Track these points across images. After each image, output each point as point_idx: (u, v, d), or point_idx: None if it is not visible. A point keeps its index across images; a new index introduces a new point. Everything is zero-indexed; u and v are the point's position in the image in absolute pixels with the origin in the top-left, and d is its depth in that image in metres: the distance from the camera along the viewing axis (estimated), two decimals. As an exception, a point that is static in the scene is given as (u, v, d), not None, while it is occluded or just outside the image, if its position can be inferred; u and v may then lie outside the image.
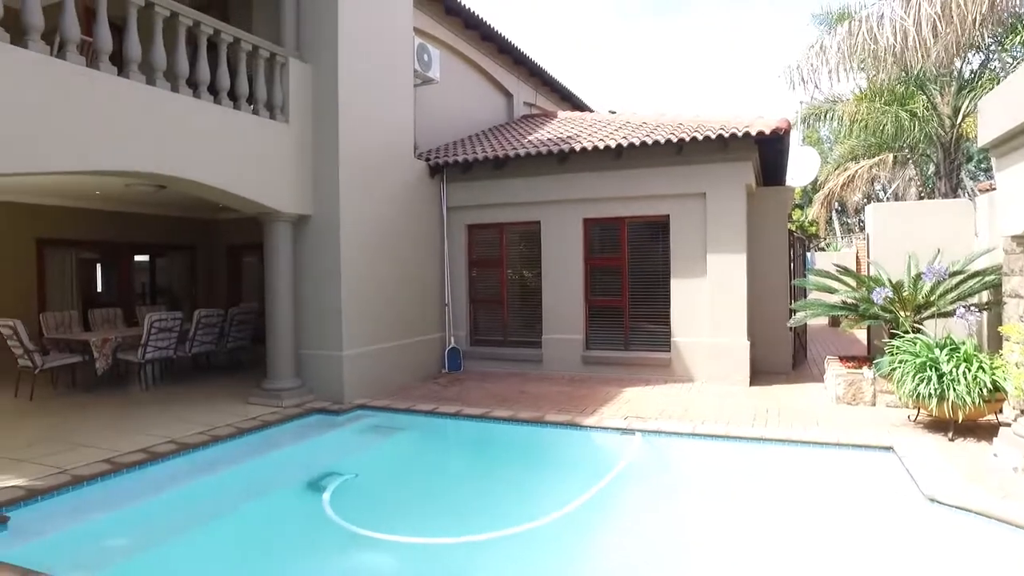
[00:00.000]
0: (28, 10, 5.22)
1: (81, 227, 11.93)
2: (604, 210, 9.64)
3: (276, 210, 7.62)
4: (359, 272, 8.25)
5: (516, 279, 10.63)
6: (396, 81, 9.17)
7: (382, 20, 8.86)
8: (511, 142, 10.61)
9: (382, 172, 8.84)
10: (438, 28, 11.14)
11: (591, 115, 12.58)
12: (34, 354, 8.31)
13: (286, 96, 7.79)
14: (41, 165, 5.31)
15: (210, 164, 6.79)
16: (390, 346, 8.92)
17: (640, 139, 8.88)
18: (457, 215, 10.55)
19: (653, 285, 9.52)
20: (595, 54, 59.55)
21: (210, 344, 9.89)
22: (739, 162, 8.81)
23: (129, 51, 6.09)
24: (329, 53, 7.94)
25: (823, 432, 6.10)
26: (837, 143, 24.35)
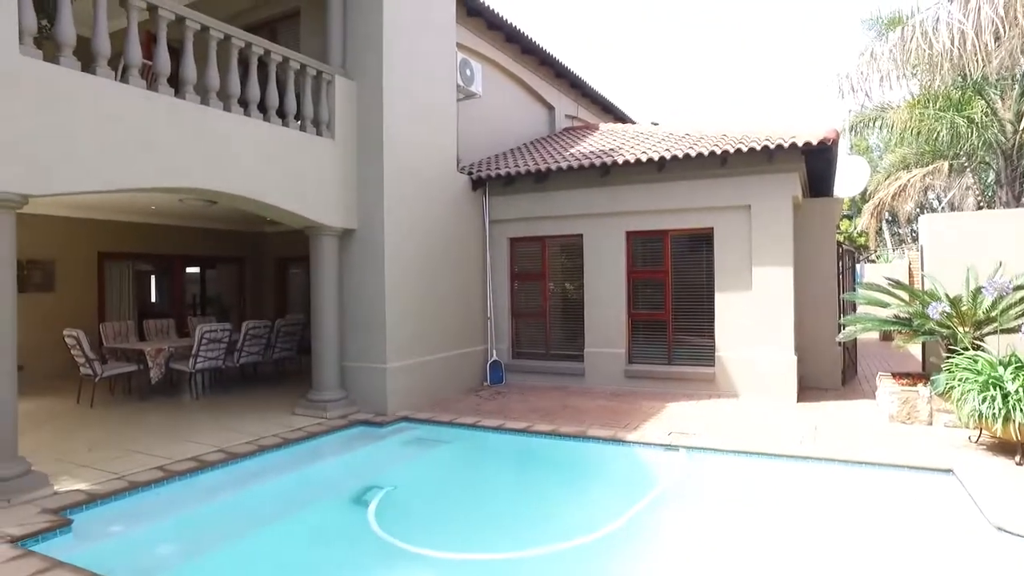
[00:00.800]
0: (97, 39, 5.52)
1: (138, 241, 12.41)
2: (647, 223, 9.55)
3: (322, 224, 7.79)
4: (403, 285, 8.36)
5: (558, 292, 10.61)
6: (439, 96, 9.30)
7: (425, 37, 9.01)
8: (553, 155, 10.63)
9: (425, 186, 8.96)
10: (480, 43, 11.26)
11: (633, 127, 12.51)
12: (94, 363, 8.65)
13: (332, 113, 7.98)
14: (106, 184, 5.56)
15: (260, 180, 7.00)
16: (433, 359, 8.99)
17: (683, 151, 8.78)
18: (499, 228, 10.60)
19: (697, 299, 9.37)
20: (636, 66, 59.36)
21: (257, 355, 10.13)
22: (785, 173, 8.63)
23: (185, 73, 6.34)
24: (374, 70, 8.11)
25: (877, 452, 5.88)
26: (887, 151, 23.64)
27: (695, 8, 60.76)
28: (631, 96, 59.42)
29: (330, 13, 8.22)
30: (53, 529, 4.31)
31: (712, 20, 60.52)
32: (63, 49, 5.26)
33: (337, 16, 8.24)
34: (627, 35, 63.72)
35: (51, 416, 8.02)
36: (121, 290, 12.51)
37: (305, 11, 9.30)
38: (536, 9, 50.41)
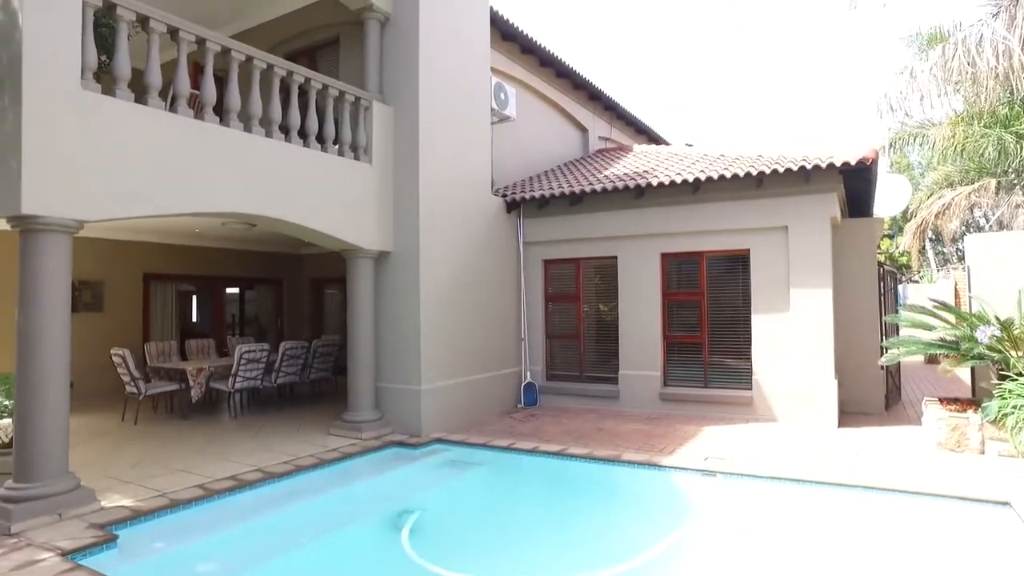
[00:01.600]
0: (150, 72, 5.77)
1: (182, 262, 12.78)
2: (682, 244, 9.49)
3: (359, 247, 7.93)
4: (437, 307, 8.43)
5: (592, 314, 10.57)
6: (474, 120, 9.44)
7: (461, 62, 9.18)
8: (587, 177, 10.66)
9: (460, 209, 9.06)
10: (514, 67, 11.42)
11: (667, 148, 12.48)
12: (139, 381, 8.90)
13: (369, 137, 8.16)
14: (156, 209, 5.79)
15: (300, 204, 7.17)
16: (467, 380, 9.01)
17: (718, 172, 8.72)
18: (534, 250, 10.64)
19: (733, 321, 9.24)
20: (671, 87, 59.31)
21: (294, 375, 10.29)
22: (823, 194, 8.50)
23: (230, 101, 6.57)
24: (410, 96, 8.28)
25: (925, 481, 5.66)
26: (929, 169, 23.09)
27: (729, 29, 60.68)
28: (664, 116, 59.34)
29: (368, 41, 8.45)
30: (100, 544, 4.43)
31: (745, 41, 60.29)
32: (119, 82, 5.52)
33: (375, 44, 8.46)
34: (665, 58, 63.82)
35: (97, 433, 8.26)
36: (165, 310, 12.87)
37: (344, 38, 9.57)
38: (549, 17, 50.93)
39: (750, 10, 57.07)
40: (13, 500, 4.81)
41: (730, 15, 58.05)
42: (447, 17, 8.89)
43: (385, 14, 8.45)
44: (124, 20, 5.65)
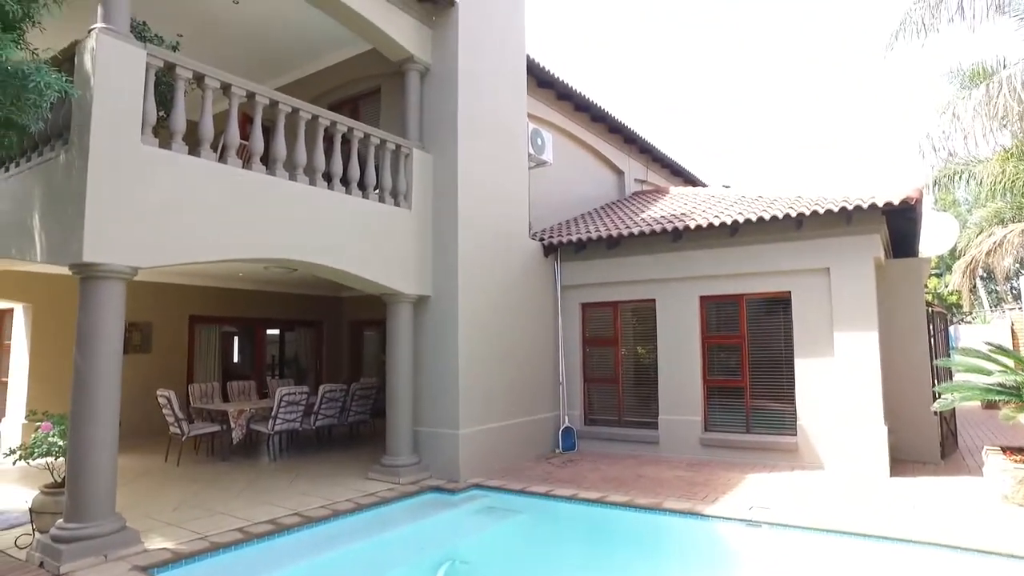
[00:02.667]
0: (203, 125, 6.07)
1: (225, 305, 13.12)
2: (721, 287, 9.37)
3: (399, 291, 8.05)
4: (476, 351, 8.45)
5: (631, 358, 10.45)
6: (512, 165, 9.61)
7: (498, 109, 9.40)
8: (624, 220, 10.69)
9: (498, 253, 9.15)
10: (550, 112, 11.63)
11: (704, 190, 12.46)
12: (182, 422, 9.08)
13: (409, 184, 8.36)
14: (204, 256, 6.01)
15: (342, 250, 7.35)
16: (505, 424, 8.95)
17: (757, 215, 8.65)
18: (571, 294, 10.64)
19: (775, 364, 9.02)
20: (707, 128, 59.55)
21: (332, 418, 10.37)
22: (865, 235, 8.33)
23: (276, 151, 6.82)
24: (449, 143, 8.49)
25: (990, 538, 5.33)
26: (977, 205, 22.49)
27: (767, 70, 60.97)
28: (699, 156, 59.37)
29: (408, 90, 8.73)
30: (142, 589, 4.47)
31: (781, 81, 60.38)
32: (175, 136, 5.81)
33: (415, 93, 8.73)
34: (701, 99, 64.28)
35: (141, 473, 8.42)
36: (208, 352, 13.18)
37: (385, 88, 9.92)
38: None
39: (785, 48, 57.28)
40: (64, 540, 4.92)
41: (765, 53, 58.37)
42: (485, 66, 9.15)
43: (425, 65, 8.75)
44: (182, 78, 5.98)
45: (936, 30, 9.40)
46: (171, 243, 5.68)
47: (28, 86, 4.61)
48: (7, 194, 6.30)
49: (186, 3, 8.51)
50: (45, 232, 5.64)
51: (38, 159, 5.86)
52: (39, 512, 5.56)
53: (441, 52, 8.77)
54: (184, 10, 8.64)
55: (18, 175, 6.14)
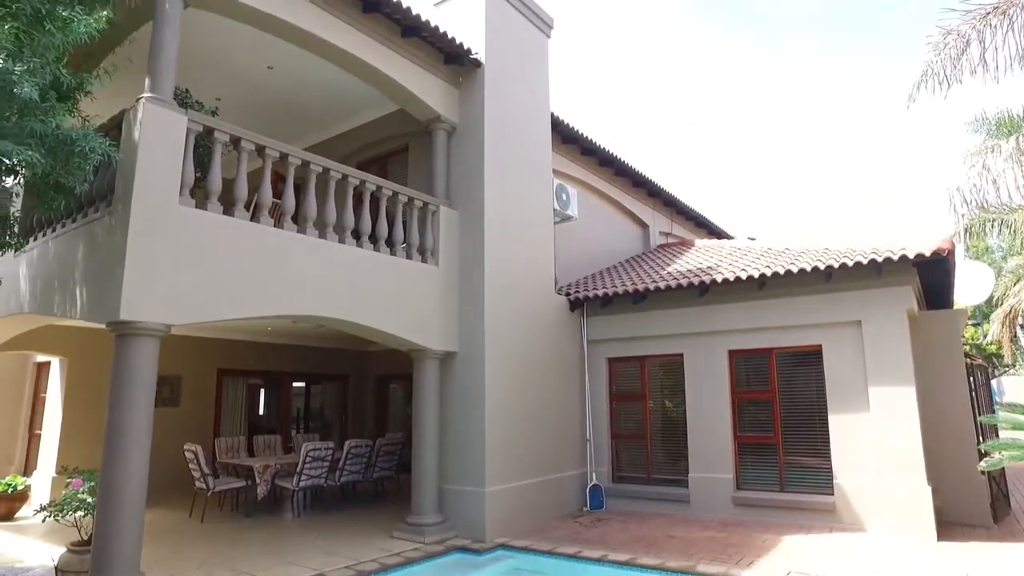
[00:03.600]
0: (238, 185, 6.29)
1: (252, 359, 13.26)
2: (750, 341, 9.23)
3: (426, 347, 8.08)
4: (502, 408, 8.39)
5: (659, 413, 10.26)
6: (537, 221, 9.72)
7: (524, 166, 9.58)
8: (649, 274, 10.67)
9: (524, 308, 9.18)
10: (574, 167, 11.82)
11: (729, 243, 12.44)
12: (208, 478, 9.07)
13: (436, 240, 8.49)
14: (235, 313, 6.15)
15: (370, 307, 7.44)
16: (532, 482, 8.78)
17: (784, 267, 8.57)
18: (598, 348, 10.56)
19: (808, 420, 8.78)
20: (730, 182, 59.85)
21: (357, 474, 10.28)
22: (897, 287, 8.19)
23: (307, 210, 7.01)
24: (476, 200, 8.64)
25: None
26: (1012, 253, 22.02)
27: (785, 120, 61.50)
28: (723, 205, 59.45)
29: (435, 149, 8.97)
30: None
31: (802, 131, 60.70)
32: (211, 196, 6.03)
33: (442, 151, 8.97)
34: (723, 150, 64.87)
35: (165, 529, 8.38)
36: (235, 405, 13.25)
37: (413, 146, 10.19)
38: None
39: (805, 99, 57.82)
40: (88, 601, 4.88)
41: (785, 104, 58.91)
42: (510, 124, 9.38)
43: (452, 124, 9.01)
44: (219, 141, 6.23)
45: (959, 81, 9.43)
46: (204, 301, 5.81)
47: (75, 150, 4.84)
48: (52, 254, 6.55)
49: (225, 69, 8.92)
50: (85, 290, 5.82)
51: (82, 220, 6.11)
52: (64, 571, 5.56)
53: (468, 111, 9.04)
54: (223, 75, 9.04)
55: (63, 235, 6.39)
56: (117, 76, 5.93)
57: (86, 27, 4.71)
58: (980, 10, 8.25)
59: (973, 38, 8.58)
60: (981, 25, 8.39)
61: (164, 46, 5.89)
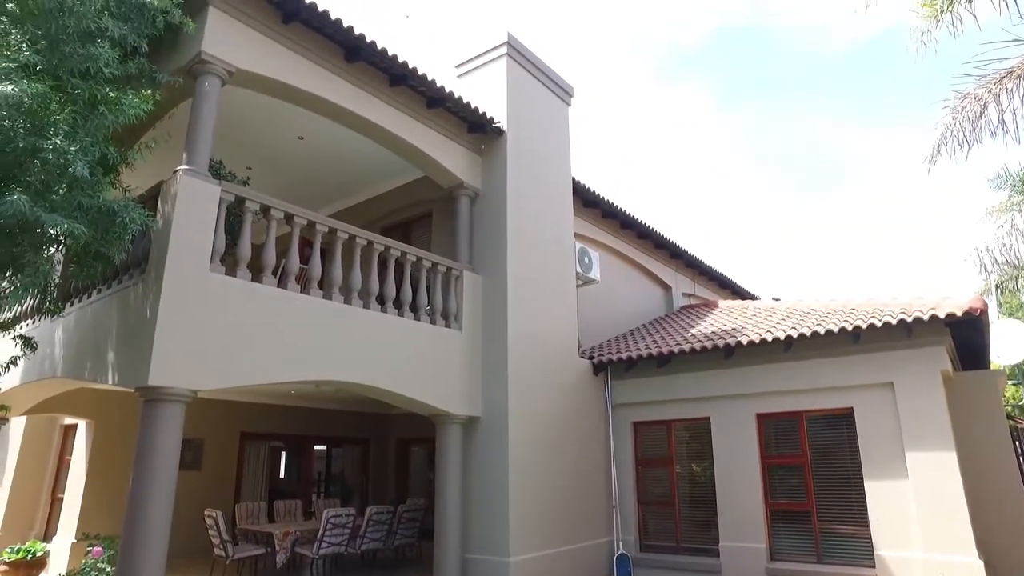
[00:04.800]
0: (266, 253, 6.46)
1: (275, 422, 13.24)
2: (778, 404, 9.03)
3: (449, 412, 8.05)
4: (526, 474, 8.25)
5: (687, 479, 9.98)
6: (560, 285, 9.79)
7: (546, 231, 9.72)
8: (674, 336, 10.60)
9: (548, 373, 9.13)
10: (596, 230, 11.95)
11: (754, 303, 12.34)
12: (227, 544, 8.94)
13: (459, 305, 8.56)
14: (261, 379, 6.23)
15: (394, 372, 7.48)
16: (557, 552, 8.53)
17: (811, 328, 8.46)
18: (622, 412, 10.40)
19: (843, 486, 8.46)
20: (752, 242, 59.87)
21: (379, 541, 10.06)
22: (929, 347, 8.01)
23: (333, 275, 7.15)
24: (499, 265, 8.75)
25: None
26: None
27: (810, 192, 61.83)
28: (745, 265, 59.23)
29: (459, 214, 9.16)
30: None
31: (825, 190, 60.90)
32: (240, 263, 6.19)
33: (465, 217, 9.15)
34: (746, 211, 65.21)
35: (184, 600, 8.22)
36: (256, 469, 13.16)
37: (436, 211, 10.41)
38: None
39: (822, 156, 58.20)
40: (102, 677, 4.77)
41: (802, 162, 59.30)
42: (532, 190, 9.58)
43: (475, 190, 9.23)
44: (250, 210, 6.44)
45: (979, 143, 9.46)
46: (231, 366, 5.89)
47: (116, 221, 5.04)
48: (86, 319, 6.72)
49: (257, 139, 9.30)
50: (116, 355, 5.94)
51: (117, 286, 6.30)
52: (82, 642, 5.45)
53: (490, 177, 9.26)
54: (255, 145, 9.42)
55: (98, 301, 6.58)
56: (156, 148, 6.23)
57: (134, 108, 5.00)
58: (995, 75, 8.35)
59: (990, 101, 8.65)
60: (997, 89, 8.47)
61: (202, 121, 6.20)
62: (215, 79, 6.32)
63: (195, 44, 6.18)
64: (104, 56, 4.91)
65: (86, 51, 4.88)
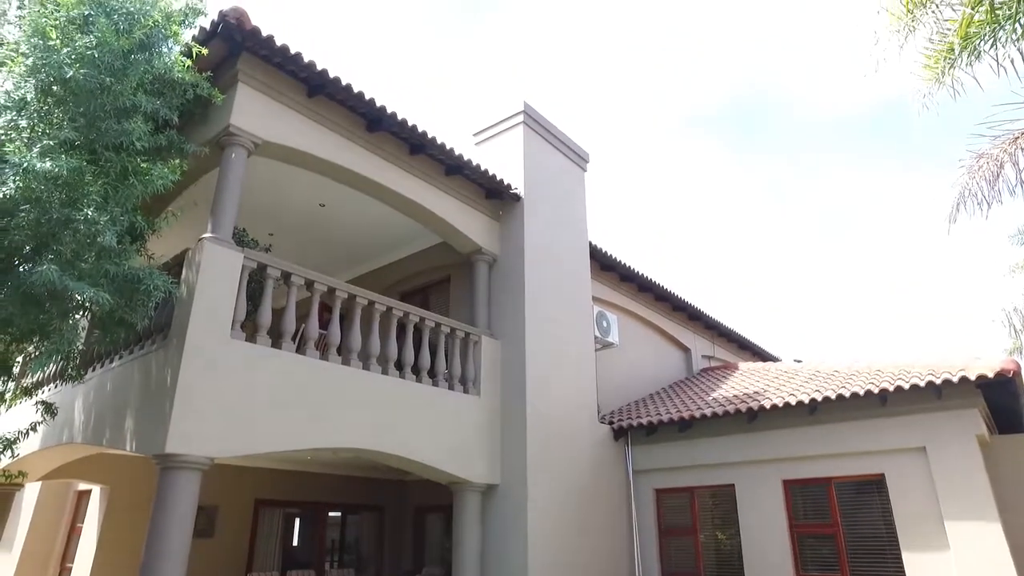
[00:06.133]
0: (286, 319, 6.51)
1: (290, 488, 13.01)
2: (805, 470, 8.72)
3: (466, 480, 7.88)
4: (545, 544, 7.98)
5: (712, 548, 9.56)
6: (578, 349, 9.73)
7: (564, 295, 9.73)
8: (694, 400, 10.40)
9: (567, 438, 8.97)
10: (614, 294, 11.94)
11: (775, 365, 12.14)
12: (238, 621, 8.66)
13: (478, 370, 8.51)
14: (279, 446, 6.17)
15: (412, 439, 7.38)
16: (577, 627, 8.15)
17: (835, 391, 8.25)
18: (644, 479, 10.11)
19: (879, 557, 8.04)
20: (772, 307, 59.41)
21: (393, 614, 9.69)
22: (961, 410, 7.74)
23: (351, 341, 7.15)
24: (517, 329, 8.74)
25: None
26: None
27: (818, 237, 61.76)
28: (764, 323, 58.53)
29: (477, 279, 9.21)
30: None
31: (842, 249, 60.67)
32: (260, 329, 6.23)
33: (483, 282, 9.20)
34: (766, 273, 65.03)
35: None
36: (270, 536, 12.85)
37: (454, 276, 10.48)
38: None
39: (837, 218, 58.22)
40: None
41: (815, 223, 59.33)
42: (550, 254, 9.65)
43: (493, 255, 9.31)
44: (271, 277, 6.53)
45: (999, 202, 9.42)
46: (249, 433, 5.85)
47: (141, 288, 5.14)
48: (106, 385, 6.76)
49: (279, 206, 9.51)
50: (135, 421, 5.94)
51: (138, 352, 6.35)
52: None
53: (508, 243, 9.36)
54: (277, 211, 9.63)
55: (119, 367, 6.63)
56: (182, 216, 6.40)
57: (163, 179, 5.17)
58: (1008, 135, 8.39)
59: (1006, 160, 8.66)
60: (1012, 148, 8.49)
61: (227, 190, 6.37)
62: (242, 150, 6.54)
63: (224, 117, 6.43)
64: (137, 130, 5.13)
65: (121, 126, 5.10)
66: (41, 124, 4.89)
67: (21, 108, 4.88)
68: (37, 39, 4.81)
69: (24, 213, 4.60)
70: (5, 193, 4.44)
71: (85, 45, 4.81)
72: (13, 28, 5.25)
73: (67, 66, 4.75)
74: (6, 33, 5.23)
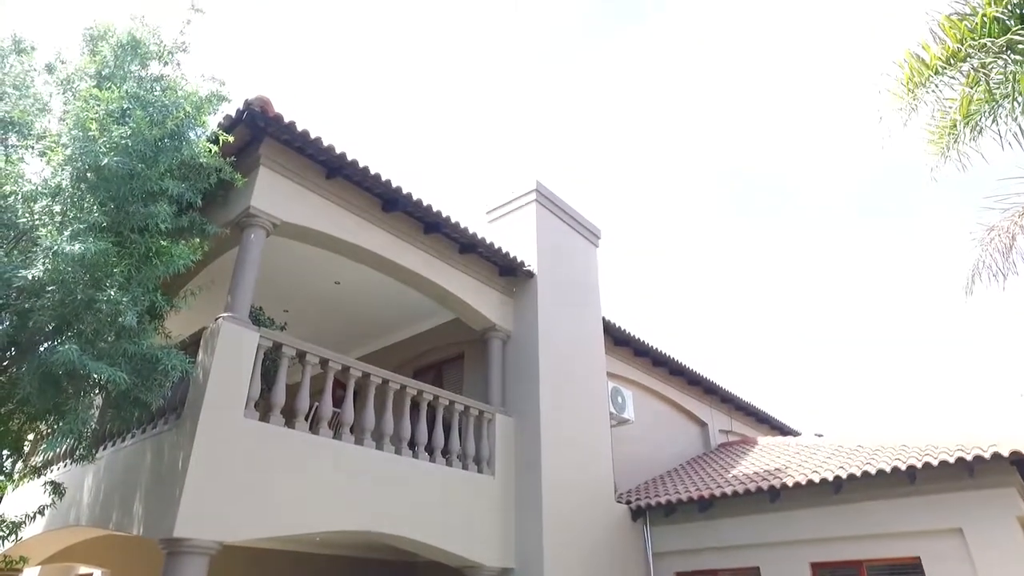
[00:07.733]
0: (300, 399, 6.47)
1: (295, 570, 12.53)
2: (832, 552, 8.31)
3: (480, 564, 7.59)
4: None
5: (741, 641, 9.02)
6: (594, 426, 9.56)
7: (578, 371, 9.65)
8: (713, 478, 10.09)
9: (584, 520, 8.68)
10: (629, 369, 11.83)
11: (795, 440, 11.82)
12: None
13: (492, 449, 8.35)
14: (287, 530, 6.04)
15: (424, 521, 7.17)
16: None
17: (860, 468, 7.97)
18: (664, 561, 9.66)
19: (924, 651, 7.54)
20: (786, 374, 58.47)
21: None
22: (996, 488, 7.41)
23: (365, 420, 7.07)
24: (531, 407, 8.63)
25: None
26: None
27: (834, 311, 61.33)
28: (780, 397, 57.30)
29: (491, 356, 9.17)
30: None
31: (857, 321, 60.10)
32: (274, 409, 6.19)
33: (497, 359, 9.16)
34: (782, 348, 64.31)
35: None
36: (273, 625, 12.28)
37: (468, 353, 10.44)
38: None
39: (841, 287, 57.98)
40: None
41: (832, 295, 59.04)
42: (564, 331, 9.63)
43: (507, 332, 9.31)
44: (286, 356, 6.55)
45: (1015, 273, 9.38)
46: (258, 517, 5.73)
47: (157, 368, 5.16)
48: (116, 465, 6.68)
49: (294, 284, 9.62)
50: (143, 504, 5.83)
51: (151, 431, 6.30)
52: None
53: (521, 319, 9.38)
54: (292, 289, 9.74)
55: (131, 446, 6.57)
56: (200, 295, 6.48)
57: (183, 258, 5.29)
58: (1018, 208, 8.44)
59: (1018, 232, 8.69)
60: (1023, 221, 8.53)
61: (246, 269, 6.49)
62: (261, 231, 6.71)
63: (245, 199, 6.63)
64: (162, 213, 5.29)
65: (147, 209, 5.27)
66: (73, 209, 5.07)
67: (56, 194, 5.07)
68: (78, 131, 5.06)
69: (49, 294, 4.70)
70: (34, 275, 4.55)
71: (120, 135, 5.04)
72: (54, 120, 5.54)
73: (103, 155, 4.96)
74: (49, 126, 5.52)
